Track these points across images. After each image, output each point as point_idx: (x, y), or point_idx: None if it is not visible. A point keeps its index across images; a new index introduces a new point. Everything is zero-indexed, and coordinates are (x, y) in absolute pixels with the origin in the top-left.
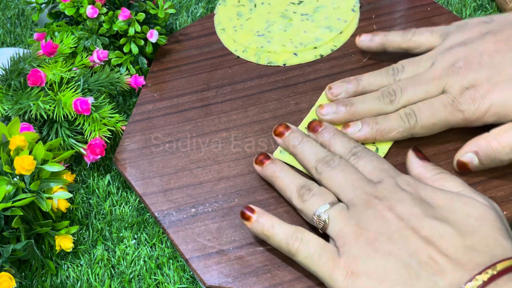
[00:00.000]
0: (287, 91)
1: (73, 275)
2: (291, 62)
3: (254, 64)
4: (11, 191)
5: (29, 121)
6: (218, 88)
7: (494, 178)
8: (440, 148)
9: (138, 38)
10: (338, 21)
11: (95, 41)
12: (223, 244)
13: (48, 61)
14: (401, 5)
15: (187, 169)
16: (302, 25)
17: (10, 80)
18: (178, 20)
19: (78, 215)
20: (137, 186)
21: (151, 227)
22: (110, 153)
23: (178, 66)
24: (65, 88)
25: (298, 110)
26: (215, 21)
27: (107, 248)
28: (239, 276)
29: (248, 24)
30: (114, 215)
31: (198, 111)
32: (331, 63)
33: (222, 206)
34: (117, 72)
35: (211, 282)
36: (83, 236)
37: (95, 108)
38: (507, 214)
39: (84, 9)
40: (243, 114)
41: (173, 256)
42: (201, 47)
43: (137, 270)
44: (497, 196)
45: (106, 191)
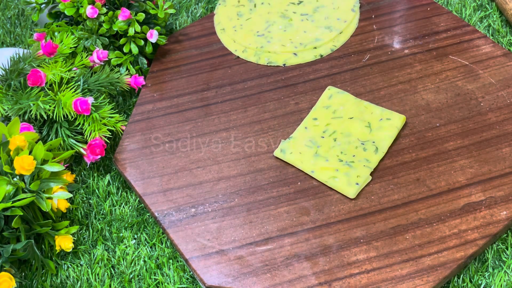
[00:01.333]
0: (287, 91)
1: (73, 275)
2: (291, 62)
3: (254, 64)
4: (11, 191)
5: (29, 121)
6: (218, 88)
7: (494, 178)
8: (440, 148)
9: (138, 38)
10: (338, 21)
11: (95, 41)
12: (223, 244)
13: (48, 61)
14: (401, 5)
15: (187, 169)
16: (302, 25)
17: (10, 80)
18: (178, 20)
19: (78, 215)
20: (137, 186)
21: (151, 227)
22: (110, 153)
23: (178, 66)
24: (65, 88)
25: (298, 110)
26: (215, 21)
27: (107, 248)
28: (239, 276)
29: (248, 24)
30: (114, 215)
31: (198, 111)
32: (331, 63)
33: (222, 206)
34: (117, 72)
35: (211, 282)
36: (83, 236)
37: (95, 108)
38: (507, 214)
39: (84, 9)
40: (243, 114)
41: (173, 256)
42: (201, 47)
43: (137, 270)
44: (497, 196)
45: (106, 191)
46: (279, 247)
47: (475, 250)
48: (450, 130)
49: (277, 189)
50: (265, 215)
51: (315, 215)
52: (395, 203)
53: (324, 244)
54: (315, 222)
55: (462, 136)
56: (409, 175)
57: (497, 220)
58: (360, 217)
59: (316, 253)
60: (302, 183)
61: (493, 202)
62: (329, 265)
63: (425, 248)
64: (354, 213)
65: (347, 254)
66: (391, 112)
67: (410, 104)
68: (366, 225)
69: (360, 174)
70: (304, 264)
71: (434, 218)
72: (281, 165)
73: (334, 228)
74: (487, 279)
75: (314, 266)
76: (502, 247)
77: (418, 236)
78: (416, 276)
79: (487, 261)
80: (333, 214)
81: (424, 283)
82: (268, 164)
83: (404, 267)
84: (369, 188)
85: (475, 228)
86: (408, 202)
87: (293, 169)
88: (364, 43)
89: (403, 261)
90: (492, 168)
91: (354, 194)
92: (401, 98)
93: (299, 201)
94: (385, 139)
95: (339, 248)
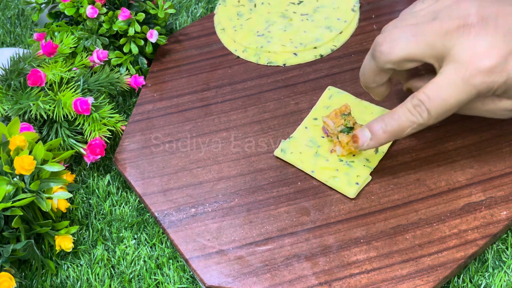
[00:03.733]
0: (287, 91)
1: (73, 275)
2: (291, 62)
3: (254, 64)
4: (11, 191)
5: (29, 121)
6: (218, 88)
7: (494, 178)
8: (440, 148)
9: (138, 38)
10: (338, 21)
11: (95, 41)
12: (223, 244)
13: (48, 61)
14: (401, 5)
15: (187, 169)
16: (302, 25)
17: (10, 80)
18: (178, 20)
19: (78, 215)
20: (137, 186)
21: (151, 227)
22: (110, 153)
23: (178, 66)
24: (65, 88)
25: (298, 110)
26: (215, 21)
27: (107, 248)
28: (239, 276)
29: (248, 24)
30: (114, 215)
31: (198, 111)
32: (331, 63)
33: (222, 206)
34: (117, 72)
35: (211, 282)
36: (83, 236)
37: (95, 108)
38: (507, 214)
39: (84, 9)
40: (243, 114)
41: (173, 256)
42: (201, 47)
43: (137, 270)
44: (497, 196)
45: (106, 191)
46: (279, 247)
47: (475, 250)
48: (450, 130)
49: (277, 189)
50: (265, 215)
51: (315, 215)
52: (395, 203)
53: (324, 244)
54: (315, 222)
55: (462, 136)
56: (409, 175)
57: (497, 220)
58: (360, 217)
59: (316, 253)
60: (302, 183)
61: (493, 202)
62: (329, 265)
63: (425, 248)
64: (354, 213)
65: (347, 254)
66: None
67: None
68: (366, 225)
69: (360, 174)
70: (304, 264)
71: (434, 218)
72: (281, 165)
73: (334, 228)
74: (487, 279)
75: (314, 266)
76: (502, 247)
77: (418, 236)
78: (416, 276)
79: (487, 261)
80: (333, 214)
81: (424, 283)
82: (268, 164)
83: (404, 267)
84: (369, 188)
85: (475, 228)
86: (408, 202)
87: (293, 169)
88: (364, 43)
89: (403, 261)
90: (492, 168)
91: (354, 194)
92: (401, 98)
93: (299, 201)
94: None
95: (339, 248)
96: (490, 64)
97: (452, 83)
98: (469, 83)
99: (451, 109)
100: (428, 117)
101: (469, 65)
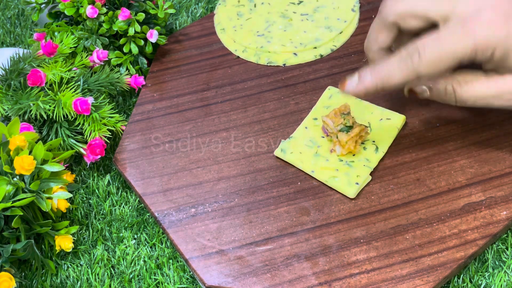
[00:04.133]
0: (287, 91)
1: (73, 275)
2: (291, 62)
3: (254, 64)
4: (11, 191)
5: (29, 121)
6: (218, 88)
7: (494, 178)
8: (440, 148)
9: (138, 38)
10: (338, 21)
11: (95, 41)
12: (223, 244)
13: (48, 61)
14: None
15: (187, 169)
16: (302, 25)
17: (10, 80)
18: (178, 20)
19: (78, 215)
20: (137, 186)
21: (151, 227)
22: (110, 153)
23: (178, 66)
24: (65, 88)
25: (298, 110)
26: (215, 21)
27: (107, 248)
28: (239, 276)
29: (248, 24)
30: (114, 215)
31: (198, 111)
32: (331, 63)
33: (222, 206)
34: (117, 72)
35: (211, 282)
36: (83, 236)
37: (95, 108)
38: (507, 214)
39: (84, 9)
40: (243, 114)
41: (173, 256)
42: (201, 47)
43: (137, 270)
44: (497, 196)
45: (106, 191)
46: (279, 247)
47: (475, 250)
48: (450, 130)
49: (277, 189)
50: (265, 215)
51: (315, 215)
52: (395, 203)
53: (324, 244)
54: (315, 222)
55: (462, 136)
56: (409, 175)
57: (497, 220)
58: (360, 217)
59: (316, 253)
60: (302, 183)
61: (493, 202)
62: (329, 265)
63: (425, 248)
64: (354, 213)
65: (347, 254)
66: (391, 112)
67: (410, 104)
68: (366, 225)
69: (360, 174)
70: (304, 264)
71: (434, 218)
72: (281, 165)
73: (334, 228)
74: (487, 279)
75: (314, 266)
76: (502, 247)
77: (418, 236)
78: (416, 276)
79: (487, 261)
80: (333, 214)
81: (424, 283)
82: (268, 164)
83: (404, 267)
84: (369, 188)
85: (475, 228)
86: (408, 202)
87: (293, 169)
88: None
89: (403, 261)
90: (492, 168)
91: (354, 194)
92: (401, 98)
93: (299, 201)
94: (385, 139)
95: (339, 248)
96: (491, 16)
97: (451, 32)
98: (468, 33)
99: (445, 60)
100: (418, 62)
101: (471, 18)
